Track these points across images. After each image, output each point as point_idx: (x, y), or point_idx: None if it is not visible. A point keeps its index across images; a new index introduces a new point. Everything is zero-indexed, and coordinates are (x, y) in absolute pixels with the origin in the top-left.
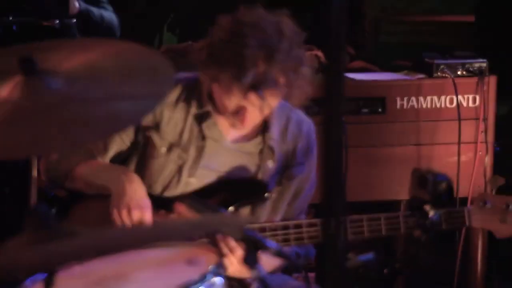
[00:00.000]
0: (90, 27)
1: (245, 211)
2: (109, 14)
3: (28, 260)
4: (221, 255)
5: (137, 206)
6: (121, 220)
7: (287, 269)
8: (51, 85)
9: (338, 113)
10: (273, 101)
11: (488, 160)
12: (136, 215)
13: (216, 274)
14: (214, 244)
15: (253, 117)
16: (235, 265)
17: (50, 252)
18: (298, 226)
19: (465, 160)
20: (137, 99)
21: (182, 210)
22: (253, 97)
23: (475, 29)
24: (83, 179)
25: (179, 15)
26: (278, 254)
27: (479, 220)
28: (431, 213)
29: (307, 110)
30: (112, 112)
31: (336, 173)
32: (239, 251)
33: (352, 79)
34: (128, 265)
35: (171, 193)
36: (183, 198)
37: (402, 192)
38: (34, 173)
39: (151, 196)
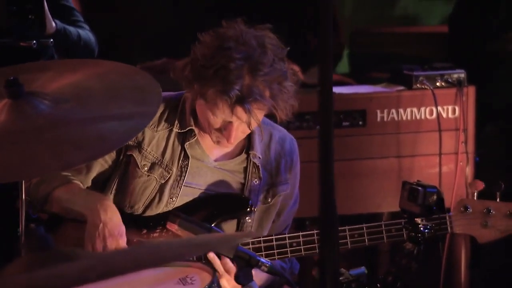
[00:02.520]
0: (67, 47)
1: (231, 228)
2: (86, 33)
3: (28, 284)
4: (214, 273)
5: (111, 235)
6: (95, 249)
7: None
8: (39, 107)
9: (329, 127)
10: (259, 115)
11: (469, 170)
12: (110, 244)
13: None
14: (206, 263)
15: (239, 133)
16: (228, 283)
17: (51, 275)
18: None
19: (446, 171)
20: (125, 119)
21: (174, 230)
22: (239, 111)
23: (448, 40)
24: (60, 204)
25: (150, 32)
26: (271, 270)
27: (461, 225)
28: (422, 226)
29: (288, 125)
30: (101, 133)
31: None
32: (232, 269)
33: (334, 93)
34: (121, 285)
35: (153, 212)
36: (174, 217)
37: (384, 204)
38: (23, 195)
39: (133, 215)
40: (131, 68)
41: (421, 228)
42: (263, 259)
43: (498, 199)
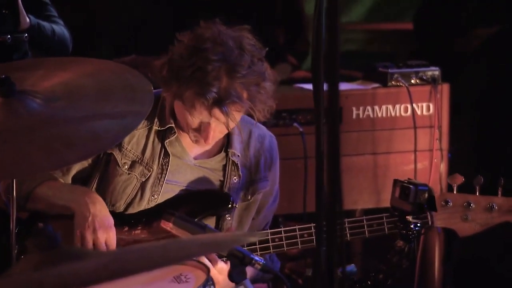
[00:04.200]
0: (41, 42)
1: (210, 223)
2: (60, 28)
3: (38, 282)
4: (208, 271)
5: (102, 227)
6: (86, 241)
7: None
8: (30, 105)
9: (336, 124)
10: (237, 116)
11: (443, 167)
12: (101, 235)
13: None
14: (200, 261)
15: (217, 133)
16: (222, 281)
17: (61, 273)
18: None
19: (421, 167)
20: (117, 118)
21: (169, 228)
22: (217, 112)
23: (415, 37)
24: (45, 200)
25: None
26: (265, 268)
27: (442, 219)
28: (413, 224)
29: (264, 123)
30: (93, 131)
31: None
32: (226, 267)
33: (307, 90)
34: (114, 284)
35: (135, 210)
36: (168, 215)
37: (360, 201)
38: (14, 194)
39: (114, 213)
40: (121, 66)
41: (412, 226)
42: (256, 257)
43: (477, 192)
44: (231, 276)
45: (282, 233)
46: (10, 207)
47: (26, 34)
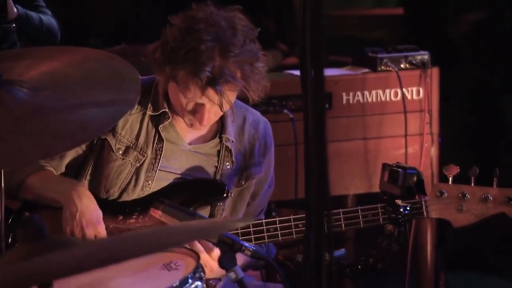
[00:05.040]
0: (29, 32)
1: (205, 213)
2: (48, 18)
3: (26, 272)
4: (198, 258)
5: (90, 223)
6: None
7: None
8: (17, 95)
9: (321, 110)
10: (231, 96)
11: (433, 151)
12: (90, 232)
13: (196, 278)
14: (190, 248)
15: (212, 116)
16: (212, 268)
17: (48, 263)
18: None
19: (411, 152)
20: (105, 106)
21: (158, 216)
22: (211, 92)
23: (405, 22)
24: (35, 191)
25: (108, 18)
26: (255, 255)
27: (436, 210)
28: (403, 207)
29: (254, 108)
30: (80, 120)
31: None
32: (216, 254)
33: (296, 76)
34: (104, 272)
35: (129, 196)
36: (157, 203)
37: (351, 186)
38: (2, 184)
39: (109, 201)
40: (109, 55)
41: (401, 210)
42: (246, 244)
43: (473, 183)
44: (221, 262)
45: (277, 223)
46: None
47: (14, 24)
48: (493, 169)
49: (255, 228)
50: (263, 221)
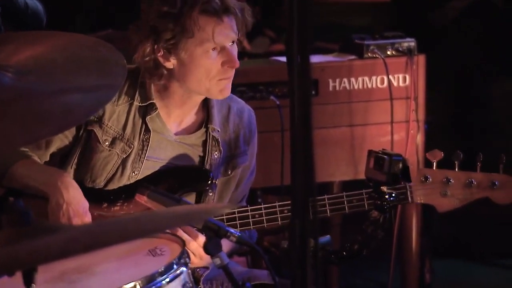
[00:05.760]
0: (15, 15)
1: (191, 200)
2: (33, 2)
3: (11, 257)
4: (183, 244)
5: (76, 214)
6: None
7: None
8: (2, 80)
9: (307, 97)
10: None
11: (419, 138)
12: (76, 223)
13: (181, 264)
14: (175, 234)
15: (235, 50)
16: (202, 256)
17: (33, 248)
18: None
19: (397, 139)
20: (90, 91)
21: (143, 202)
22: (228, 22)
23: (392, 8)
24: (20, 179)
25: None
26: (240, 240)
27: (421, 195)
28: (388, 194)
29: (241, 95)
30: (65, 105)
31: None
32: (201, 240)
33: (283, 62)
34: (89, 257)
35: (115, 186)
36: (143, 189)
37: (337, 173)
38: None
39: (93, 189)
40: (94, 40)
41: (387, 197)
42: (232, 230)
43: (457, 168)
44: (206, 248)
45: (262, 209)
46: None
47: None
48: (475, 152)
49: (240, 214)
50: (249, 207)
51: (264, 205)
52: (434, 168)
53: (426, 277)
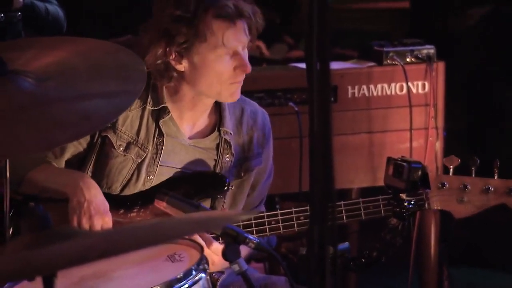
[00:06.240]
0: (35, 22)
1: (205, 204)
2: (54, 8)
3: (29, 263)
4: (202, 250)
5: (97, 213)
6: (82, 227)
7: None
8: (22, 85)
9: (327, 103)
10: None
11: (438, 145)
12: (97, 221)
13: (200, 270)
14: (194, 240)
15: (246, 54)
16: (213, 261)
17: (52, 253)
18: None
19: (416, 146)
20: (110, 97)
21: (162, 207)
22: (241, 26)
23: (411, 15)
24: (38, 184)
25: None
26: (258, 247)
27: (438, 201)
28: (407, 201)
29: (259, 101)
30: (84, 112)
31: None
32: (220, 246)
33: (301, 69)
34: (108, 263)
35: (131, 191)
36: (162, 195)
37: (356, 180)
38: (8, 175)
39: (110, 195)
40: (114, 45)
41: (406, 204)
42: (250, 236)
43: (473, 174)
44: (225, 254)
45: (279, 215)
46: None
47: (20, 13)
48: (493, 159)
49: (257, 221)
50: (265, 213)
51: (280, 211)
52: (450, 174)
53: (444, 285)
